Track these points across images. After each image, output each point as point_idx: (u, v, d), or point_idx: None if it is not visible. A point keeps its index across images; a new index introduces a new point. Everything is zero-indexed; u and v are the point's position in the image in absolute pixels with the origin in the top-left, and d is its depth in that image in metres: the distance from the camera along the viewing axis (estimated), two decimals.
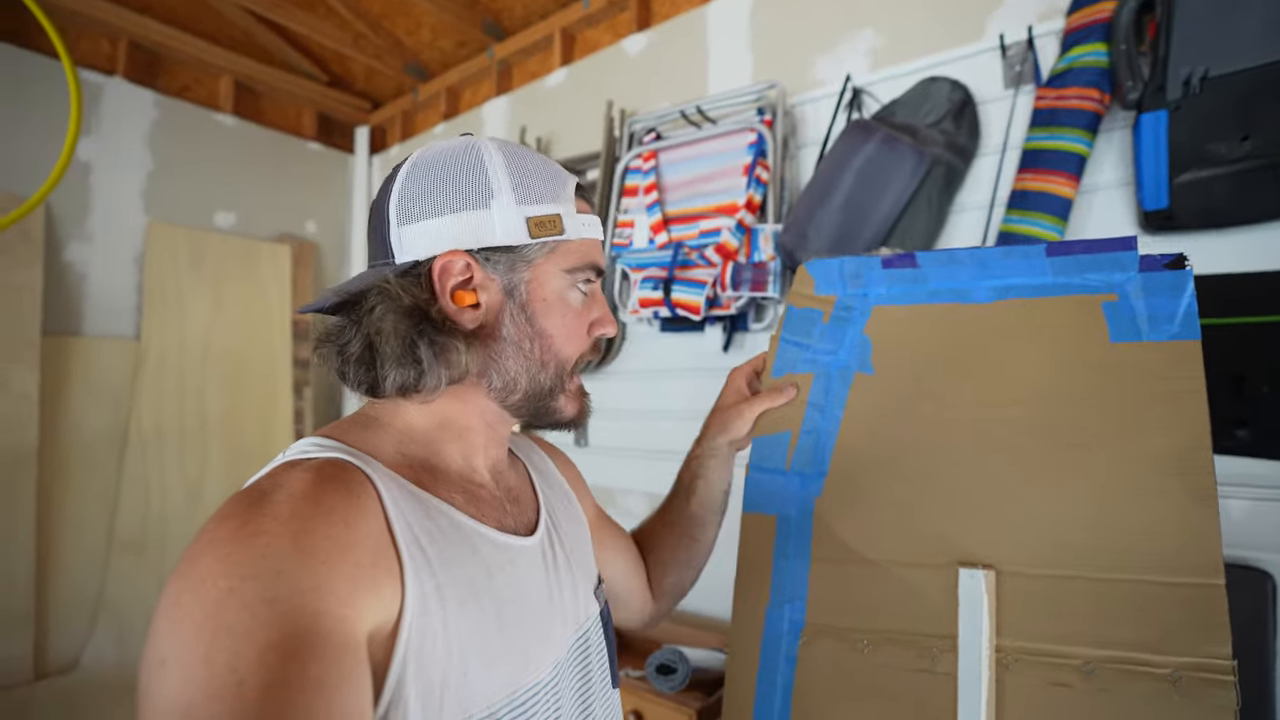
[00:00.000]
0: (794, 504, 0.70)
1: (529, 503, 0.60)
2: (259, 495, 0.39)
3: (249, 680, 0.31)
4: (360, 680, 0.35)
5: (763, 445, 0.74)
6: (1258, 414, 0.96)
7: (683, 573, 0.78)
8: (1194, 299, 0.56)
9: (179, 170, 2.29)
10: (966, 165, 1.24)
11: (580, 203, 0.55)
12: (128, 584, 2.04)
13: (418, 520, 0.45)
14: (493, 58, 2.31)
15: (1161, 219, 1.03)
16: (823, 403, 0.72)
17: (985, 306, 0.65)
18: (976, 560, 0.60)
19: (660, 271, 1.50)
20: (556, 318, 0.53)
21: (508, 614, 0.48)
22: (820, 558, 0.67)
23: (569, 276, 0.53)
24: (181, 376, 2.23)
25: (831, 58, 1.47)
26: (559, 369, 0.53)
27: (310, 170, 2.70)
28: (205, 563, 0.34)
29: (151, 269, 2.19)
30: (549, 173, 0.53)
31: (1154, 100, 1.00)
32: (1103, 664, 0.54)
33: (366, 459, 0.46)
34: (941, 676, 0.59)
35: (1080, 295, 0.60)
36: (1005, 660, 0.58)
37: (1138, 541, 0.55)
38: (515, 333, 0.51)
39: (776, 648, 0.67)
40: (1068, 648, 0.55)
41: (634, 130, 1.73)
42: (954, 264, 0.66)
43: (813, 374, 0.72)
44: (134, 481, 2.09)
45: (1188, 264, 0.56)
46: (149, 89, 2.22)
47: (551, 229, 0.51)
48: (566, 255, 0.53)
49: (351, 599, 0.36)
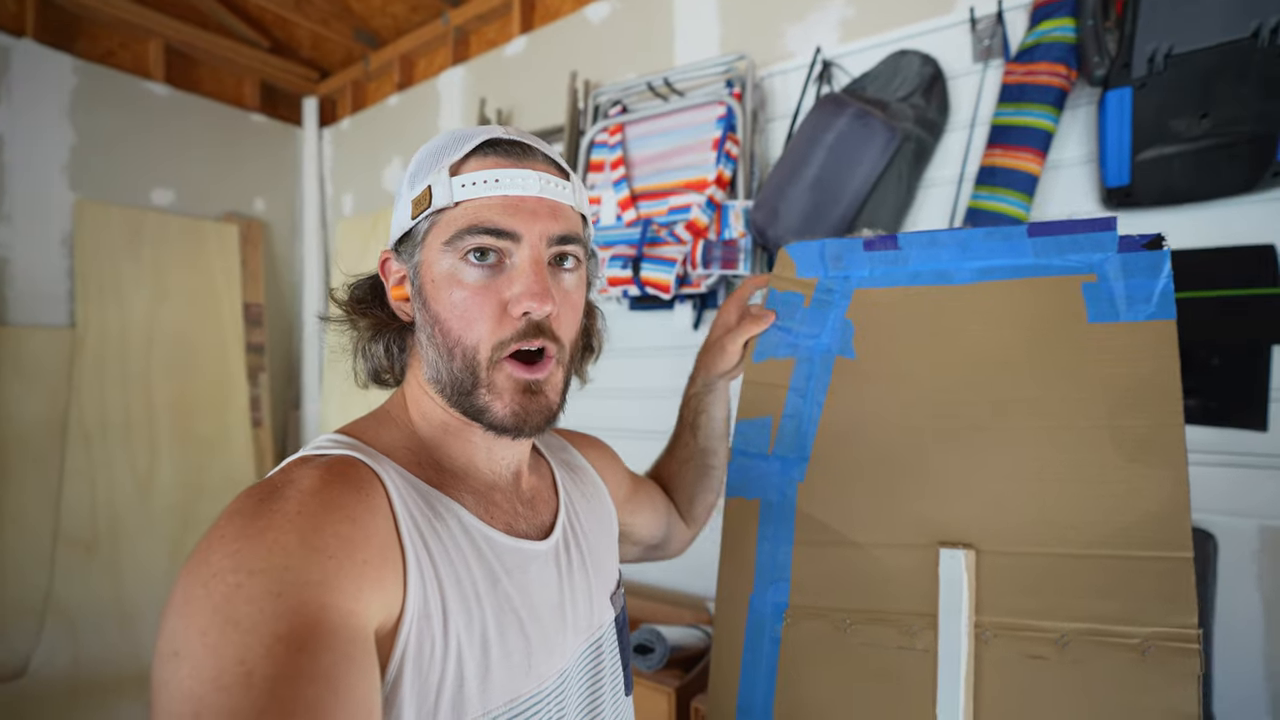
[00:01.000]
0: (776, 488, 0.70)
1: (547, 505, 0.58)
2: (269, 491, 0.39)
3: (257, 672, 0.31)
4: (368, 672, 0.36)
5: (745, 429, 0.73)
6: (1206, 385, 1.00)
7: (707, 496, 0.84)
8: (1171, 279, 0.56)
9: (107, 144, 2.12)
10: (936, 140, 1.24)
11: (476, 161, 0.48)
12: (78, 583, 1.95)
13: (425, 520, 0.45)
14: (448, 24, 2.19)
15: (1122, 195, 1.05)
16: (804, 387, 0.71)
17: (966, 288, 0.65)
18: (956, 540, 0.61)
19: (629, 249, 1.47)
20: (445, 297, 0.47)
21: (510, 620, 0.47)
22: (803, 541, 0.67)
23: (449, 250, 0.47)
24: (124, 365, 2.10)
25: (801, 28, 1.44)
26: (465, 358, 0.47)
27: (256, 144, 2.55)
28: (215, 558, 0.35)
29: (83, 251, 2.04)
30: (437, 147, 0.50)
31: (1119, 77, 1.01)
32: (1076, 636, 0.55)
33: (378, 456, 0.46)
34: (921, 653, 0.60)
35: (1060, 276, 0.61)
36: (983, 635, 0.58)
37: (1111, 518, 0.56)
38: (421, 319, 0.50)
39: (761, 630, 0.67)
40: (1043, 622, 0.57)
41: (599, 103, 1.67)
42: (935, 245, 0.66)
43: (794, 359, 0.71)
44: (78, 475, 1.98)
45: (1165, 244, 0.57)
46: (66, 53, 2.04)
47: (423, 204, 0.48)
48: (444, 226, 0.47)
49: (358, 595, 0.37)
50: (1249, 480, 0.98)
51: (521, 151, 0.49)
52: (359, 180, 2.55)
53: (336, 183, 2.64)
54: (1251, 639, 0.98)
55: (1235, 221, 0.99)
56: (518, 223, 0.47)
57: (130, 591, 2.03)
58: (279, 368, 2.62)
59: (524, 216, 0.47)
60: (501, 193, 0.47)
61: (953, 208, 1.21)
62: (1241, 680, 0.98)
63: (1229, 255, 0.99)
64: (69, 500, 1.96)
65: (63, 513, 1.94)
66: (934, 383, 0.65)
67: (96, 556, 1.99)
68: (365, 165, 2.51)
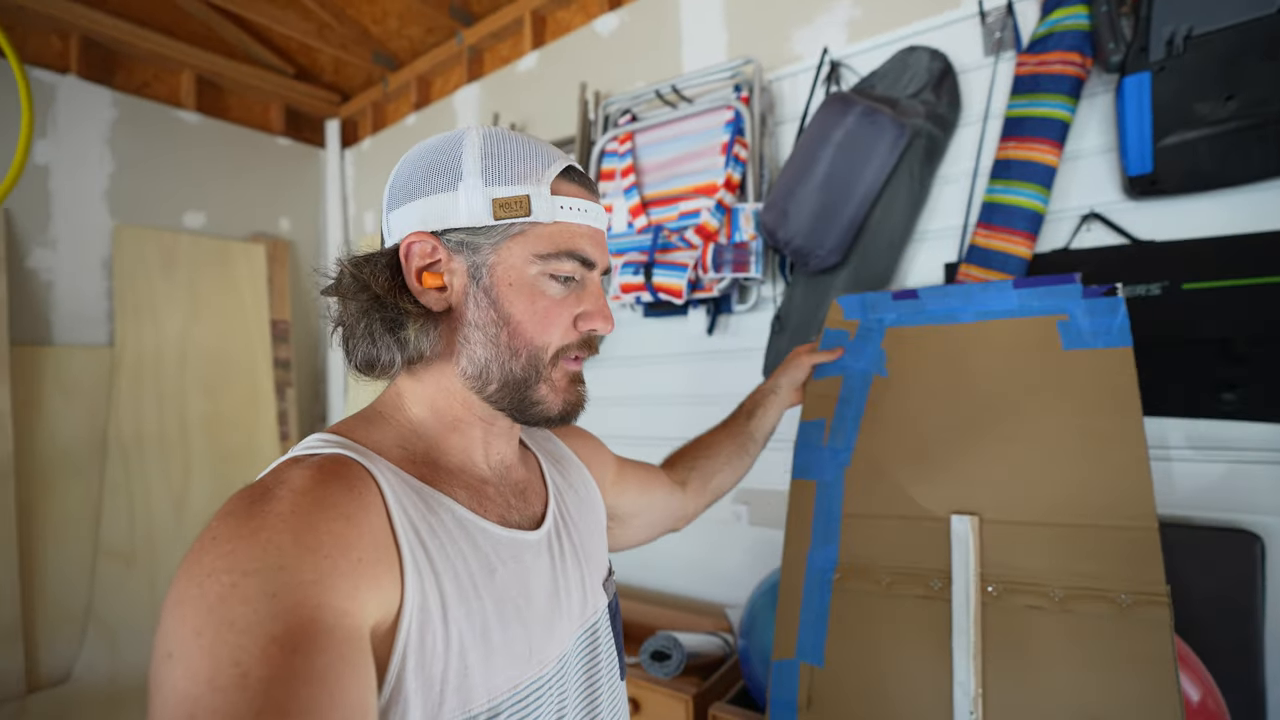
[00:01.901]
0: (829, 471, 0.90)
1: (537, 496, 0.59)
2: (262, 492, 0.39)
3: (253, 673, 0.31)
4: (363, 672, 0.36)
5: (806, 428, 0.95)
6: (1245, 377, 0.95)
7: (727, 476, 0.89)
8: (1126, 317, 0.77)
9: (143, 170, 2.22)
10: (948, 136, 1.21)
11: (568, 185, 0.51)
12: (117, 594, 2.01)
13: (419, 515, 0.45)
14: (462, 43, 2.24)
15: (1146, 184, 1.01)
16: (850, 398, 0.93)
17: (970, 325, 0.88)
18: (965, 510, 0.79)
19: (640, 256, 1.47)
20: (524, 303, 0.50)
21: (509, 609, 0.48)
22: (849, 513, 0.87)
23: (540, 263, 0.50)
24: (159, 382, 2.18)
25: (808, 30, 1.44)
26: (532, 358, 0.50)
27: (281, 166, 2.63)
28: (209, 559, 0.35)
29: (121, 273, 2.13)
30: (527, 153, 0.51)
31: (1137, 62, 0.98)
32: (1067, 591, 0.70)
33: (369, 454, 0.46)
34: (940, 601, 0.76)
35: (1040, 316, 0.83)
36: (990, 589, 0.74)
37: (1090, 496, 0.73)
38: (480, 316, 0.50)
39: (815, 580, 0.85)
40: (1039, 579, 0.72)
41: (609, 112, 1.68)
42: (946, 295, 0.91)
43: (842, 377, 0.95)
44: (116, 490, 2.05)
45: (1119, 292, 0.79)
46: (105, 87, 2.15)
47: (517, 210, 0.49)
48: (538, 239, 0.50)
49: (354, 593, 0.37)
50: None
51: (592, 186, 0.55)
52: (380, 198, 2.61)
53: (358, 201, 2.71)
54: None
55: (1269, 206, 0.94)
56: (596, 254, 0.53)
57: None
58: (305, 382, 2.69)
59: (600, 249, 0.54)
60: (589, 224, 0.53)
61: (968, 202, 1.18)
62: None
63: (1263, 241, 0.94)
64: (108, 514, 2.03)
65: (103, 526, 2.01)
66: (947, 394, 0.86)
67: (134, 568, 2.05)
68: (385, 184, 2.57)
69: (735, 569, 1.50)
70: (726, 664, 1.18)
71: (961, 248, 1.19)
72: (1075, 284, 0.80)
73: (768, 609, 1.04)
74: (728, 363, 1.52)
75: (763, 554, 1.45)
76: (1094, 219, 1.09)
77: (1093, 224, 1.09)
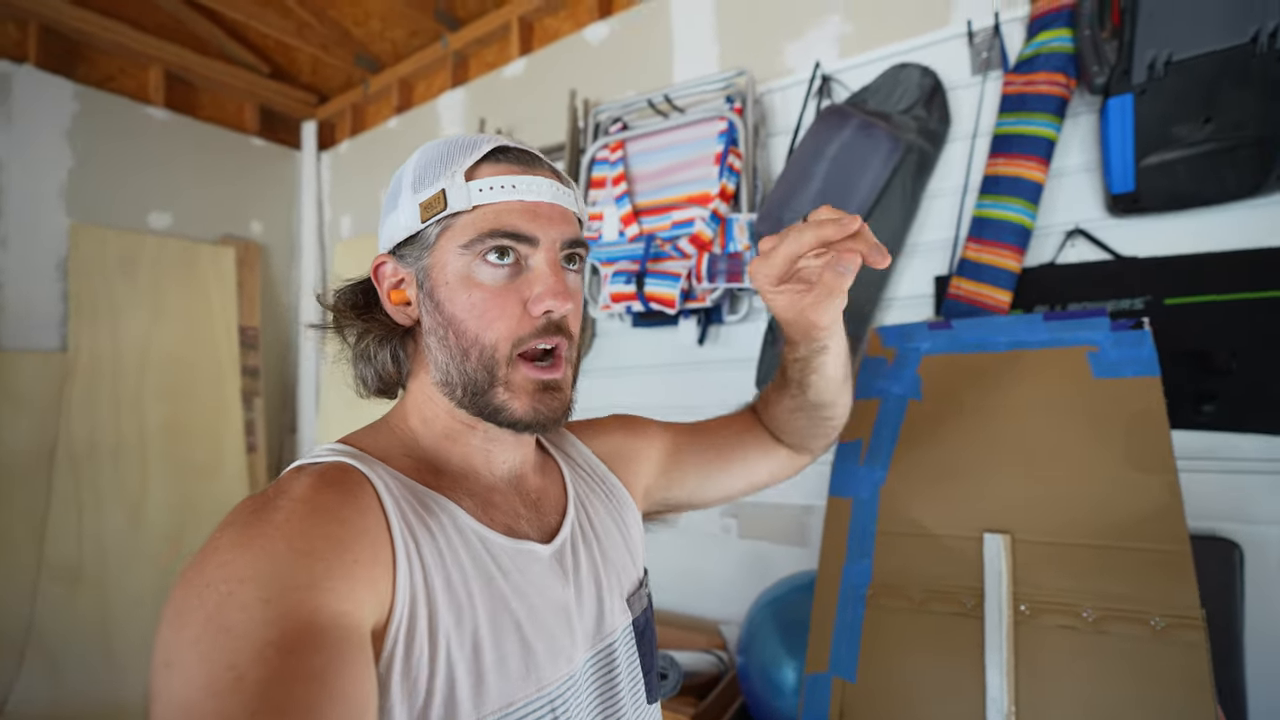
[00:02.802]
0: (865, 489, 0.91)
1: (553, 506, 0.57)
2: (263, 502, 0.40)
3: (248, 676, 0.31)
4: (362, 670, 0.36)
5: (843, 448, 0.96)
6: (1223, 389, 0.98)
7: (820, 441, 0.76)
8: (1154, 349, 0.79)
9: (105, 168, 2.12)
10: (938, 151, 1.24)
11: (490, 167, 0.49)
12: (62, 615, 1.87)
13: (417, 519, 0.45)
14: (447, 48, 2.22)
15: (1128, 202, 1.04)
16: (886, 420, 0.95)
17: (1003, 354, 0.90)
18: (997, 529, 0.80)
19: (632, 265, 1.46)
20: (462, 299, 0.48)
21: (505, 622, 0.46)
22: (883, 531, 0.88)
23: (466, 253, 0.48)
24: (117, 389, 2.06)
25: (800, 45, 1.46)
26: (483, 357, 0.48)
27: (254, 167, 2.55)
28: (207, 569, 0.36)
29: (77, 275, 2.02)
30: (449, 150, 0.51)
31: (1120, 84, 1.02)
32: (1100, 611, 0.70)
33: (370, 460, 0.47)
34: (972, 619, 0.76)
35: (1070, 347, 0.85)
36: (1022, 608, 0.74)
37: (1121, 518, 0.74)
38: (430, 322, 0.51)
39: (850, 595, 0.86)
40: (1072, 599, 0.72)
41: (599, 120, 1.68)
42: (979, 326, 0.94)
43: (880, 399, 0.97)
44: (65, 501, 1.92)
45: (1146, 326, 0.81)
46: (66, 79, 2.05)
47: (436, 207, 0.49)
48: (460, 230, 0.48)
49: (350, 595, 0.37)
50: (1272, 487, 0.96)
51: (531, 159, 0.51)
52: (357, 203, 2.55)
53: (335, 205, 2.64)
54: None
55: (1245, 225, 0.98)
56: (537, 227, 0.49)
57: (117, 623, 1.96)
58: (274, 392, 2.59)
59: (542, 221, 0.49)
60: (519, 198, 0.49)
61: (958, 217, 1.21)
62: (1274, 689, 0.94)
63: (1239, 258, 0.98)
64: (55, 528, 1.90)
65: (47, 542, 1.88)
66: (980, 418, 0.88)
67: (81, 587, 1.92)
68: (363, 188, 2.52)
69: (725, 583, 1.48)
70: (723, 682, 1.15)
71: (952, 261, 1.21)
72: (1104, 317, 0.84)
73: (766, 624, 1.02)
74: (718, 373, 1.51)
75: (754, 568, 1.44)
76: (1078, 235, 1.12)
77: (1077, 240, 1.13)
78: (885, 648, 0.80)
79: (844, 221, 0.50)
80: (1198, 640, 0.64)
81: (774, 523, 1.42)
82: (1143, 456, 0.75)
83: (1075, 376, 0.83)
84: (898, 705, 0.76)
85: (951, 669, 0.74)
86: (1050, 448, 0.81)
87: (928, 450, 0.89)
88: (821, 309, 0.57)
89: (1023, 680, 0.71)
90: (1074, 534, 0.75)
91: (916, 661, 0.78)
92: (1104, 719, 0.66)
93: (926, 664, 0.77)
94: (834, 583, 0.87)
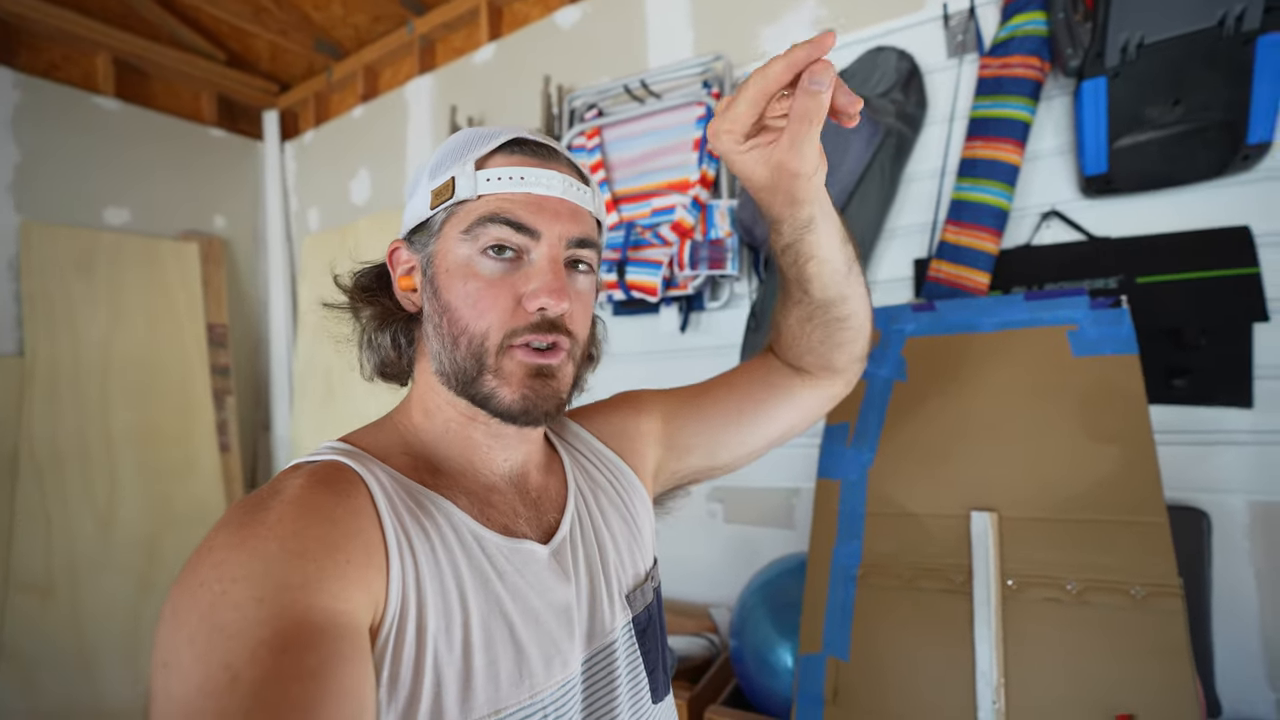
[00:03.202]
0: (853, 471, 0.93)
1: (553, 504, 0.55)
2: (256, 502, 0.40)
3: (243, 675, 0.32)
4: (358, 667, 0.36)
5: (831, 431, 0.97)
6: (1194, 364, 1.01)
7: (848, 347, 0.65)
8: (1131, 326, 0.81)
9: (54, 161, 2.01)
10: (916, 134, 1.24)
11: (502, 157, 0.48)
12: (32, 629, 1.81)
13: (411, 518, 0.44)
14: (413, 33, 2.15)
15: (1101, 183, 1.06)
16: (872, 402, 0.96)
17: (987, 335, 0.92)
18: (983, 507, 0.82)
19: (613, 254, 1.45)
20: (458, 287, 0.47)
21: (499, 624, 0.45)
22: (872, 512, 0.89)
23: (468, 240, 0.47)
24: (78, 393, 1.98)
25: (776, 29, 1.45)
26: (472, 346, 0.47)
27: (214, 160, 2.45)
28: (201, 570, 0.36)
29: (30, 275, 1.93)
30: (464, 140, 0.50)
31: (1094, 67, 1.03)
32: (1083, 584, 0.73)
33: (365, 458, 0.47)
34: (961, 595, 0.78)
35: (1051, 326, 0.87)
36: (1010, 581, 0.76)
37: (1101, 493, 0.77)
38: (429, 309, 0.50)
39: (841, 575, 0.87)
40: (1055, 572, 0.75)
41: (574, 107, 1.65)
42: (961, 308, 0.96)
43: (866, 382, 0.97)
44: (31, 514, 1.85)
45: (1124, 304, 0.84)
46: (6, 67, 1.93)
47: (445, 194, 0.48)
48: (464, 217, 0.48)
49: (343, 594, 0.37)
50: (1238, 457, 1.00)
51: (547, 153, 0.50)
52: (324, 194, 2.47)
53: (301, 197, 2.56)
54: (1247, 613, 1.00)
55: (1212, 204, 1.01)
56: (540, 221, 0.47)
57: (93, 633, 1.90)
58: (246, 390, 2.52)
59: (547, 216, 0.48)
60: (526, 190, 0.47)
61: (936, 200, 1.22)
62: (1240, 654, 0.99)
63: (1208, 237, 1.01)
64: (21, 541, 1.83)
65: (14, 554, 1.82)
66: (964, 398, 0.90)
67: (53, 599, 1.86)
68: (330, 179, 2.44)
69: (712, 567, 1.50)
70: (715, 665, 1.17)
71: (931, 244, 1.22)
72: (1084, 296, 0.86)
73: (759, 608, 1.04)
74: (700, 360, 1.51)
75: (741, 551, 1.45)
76: (1053, 216, 1.14)
77: (1052, 221, 1.15)
78: (877, 626, 0.82)
79: (815, 40, 0.41)
80: (1176, 608, 0.67)
81: (761, 506, 1.44)
82: (1122, 432, 0.78)
83: (1056, 355, 0.85)
84: (891, 682, 0.79)
85: (942, 644, 0.77)
86: (1033, 426, 0.83)
87: (914, 431, 0.91)
88: (798, 150, 0.45)
89: (1011, 653, 0.73)
90: (1057, 509, 0.77)
91: (908, 638, 0.80)
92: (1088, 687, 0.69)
93: (918, 640, 0.79)
94: (825, 564, 0.89)
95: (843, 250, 0.58)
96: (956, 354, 0.93)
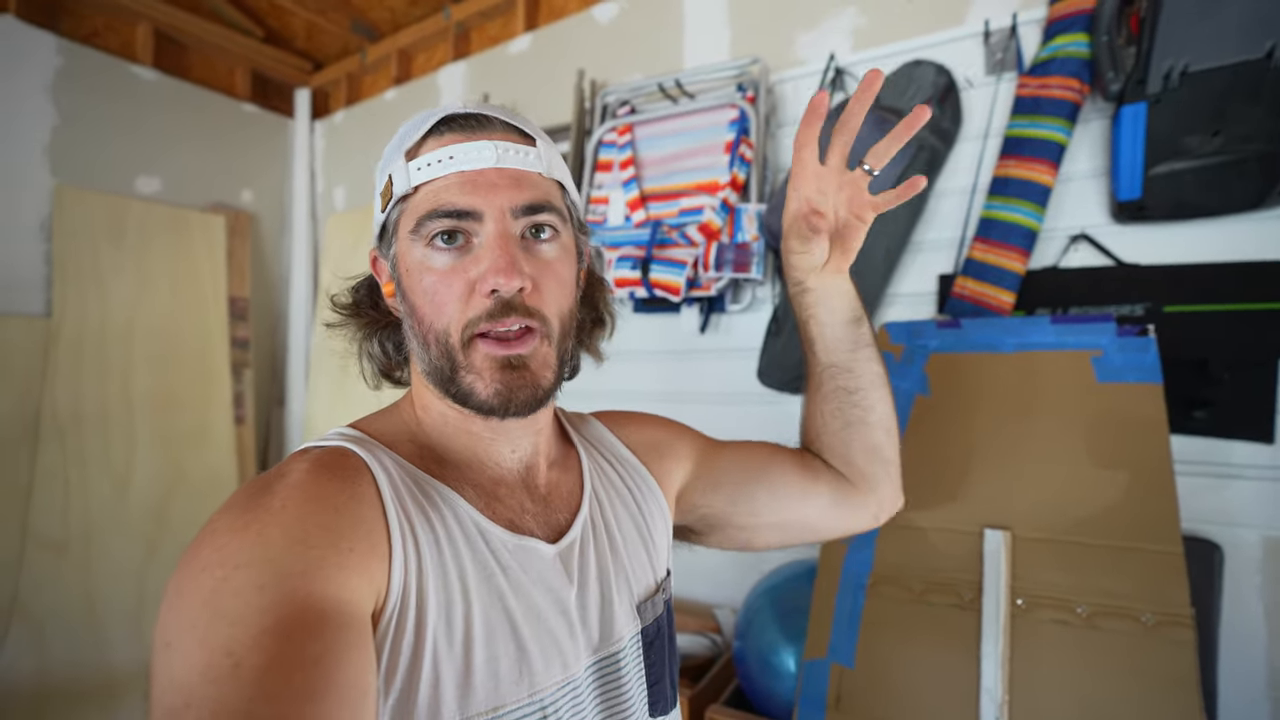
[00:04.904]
0: None
1: (565, 503, 0.54)
2: (262, 486, 0.40)
3: (245, 663, 0.32)
4: (361, 655, 0.36)
5: None
6: (1217, 397, 1.01)
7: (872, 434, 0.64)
8: (1157, 356, 0.82)
9: (90, 127, 2.04)
10: (949, 150, 1.24)
11: (430, 141, 0.46)
12: (48, 586, 1.85)
13: (415, 507, 0.44)
14: (450, 19, 2.16)
15: (1134, 209, 1.06)
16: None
17: (1010, 355, 0.92)
18: (997, 525, 0.82)
19: (637, 250, 1.46)
20: (418, 285, 0.47)
21: (500, 620, 0.44)
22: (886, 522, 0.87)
23: (416, 239, 0.46)
24: (102, 357, 2.02)
25: (813, 35, 1.45)
26: (439, 342, 0.46)
27: (245, 134, 2.48)
28: (205, 553, 0.36)
29: (62, 238, 1.96)
30: (399, 135, 0.49)
31: (1135, 93, 1.02)
32: (1094, 608, 0.73)
33: (373, 444, 0.47)
34: (970, 611, 0.79)
35: (1076, 350, 0.87)
36: (1019, 601, 0.76)
37: (1117, 519, 0.77)
38: (403, 311, 0.50)
39: (850, 584, 0.88)
40: (1067, 595, 0.75)
41: (607, 102, 1.65)
42: (986, 326, 0.96)
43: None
44: (50, 472, 1.89)
45: (1150, 333, 0.84)
46: (49, 32, 1.96)
47: (388, 194, 0.48)
48: (410, 215, 0.47)
49: (346, 582, 0.37)
50: (1255, 492, 1.00)
51: (477, 124, 0.47)
52: (352, 174, 2.50)
53: (328, 176, 2.58)
54: (1255, 648, 1.00)
55: (1246, 237, 1.01)
56: (476, 199, 0.45)
57: (102, 594, 1.94)
58: (263, 364, 2.55)
59: (483, 191, 0.45)
60: (457, 169, 0.45)
61: (965, 217, 1.22)
62: (1246, 688, 0.99)
63: (1238, 270, 1.00)
64: (40, 498, 1.87)
65: (33, 511, 1.85)
66: (985, 416, 0.90)
67: (68, 557, 1.90)
68: (359, 159, 2.46)
69: (718, 569, 1.51)
70: (717, 665, 1.18)
71: (957, 260, 1.22)
72: (1110, 322, 0.86)
73: (765, 610, 1.05)
74: (719, 362, 1.52)
75: (746, 555, 1.46)
76: (1082, 240, 1.14)
77: (1080, 244, 1.14)
78: (884, 636, 0.83)
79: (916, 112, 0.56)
80: (1187, 638, 0.68)
81: None
82: (1142, 460, 0.78)
83: (1079, 380, 0.86)
84: (894, 691, 0.80)
85: (948, 658, 0.78)
86: (1052, 448, 0.84)
87: (932, 445, 0.91)
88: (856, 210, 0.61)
89: (1016, 671, 0.74)
90: (1071, 532, 0.78)
91: (914, 650, 0.80)
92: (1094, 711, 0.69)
93: (924, 653, 0.80)
94: (835, 571, 0.90)
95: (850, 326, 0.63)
96: (979, 372, 0.93)
